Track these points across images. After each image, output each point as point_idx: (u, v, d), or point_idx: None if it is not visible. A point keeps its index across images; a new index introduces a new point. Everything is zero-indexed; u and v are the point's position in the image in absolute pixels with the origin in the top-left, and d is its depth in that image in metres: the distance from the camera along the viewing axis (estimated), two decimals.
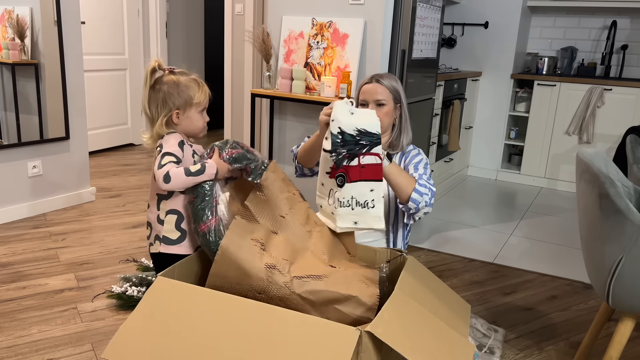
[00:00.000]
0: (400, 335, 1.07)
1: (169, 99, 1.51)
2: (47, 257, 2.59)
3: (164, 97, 1.51)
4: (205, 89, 1.57)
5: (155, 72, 1.53)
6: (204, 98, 1.56)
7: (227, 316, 1.11)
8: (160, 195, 1.53)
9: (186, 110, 1.53)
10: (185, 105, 1.53)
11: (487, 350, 1.94)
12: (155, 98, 1.52)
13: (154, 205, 1.55)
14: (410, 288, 1.27)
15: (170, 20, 5.13)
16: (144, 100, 1.53)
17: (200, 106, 1.56)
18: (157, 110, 1.52)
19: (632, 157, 2.02)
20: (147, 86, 1.52)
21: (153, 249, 1.56)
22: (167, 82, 1.52)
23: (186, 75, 1.56)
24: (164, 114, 1.52)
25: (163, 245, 1.53)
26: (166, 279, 1.22)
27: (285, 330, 1.06)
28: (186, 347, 1.07)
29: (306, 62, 2.95)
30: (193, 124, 1.56)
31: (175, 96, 1.51)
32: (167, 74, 1.54)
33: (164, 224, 1.53)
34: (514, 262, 2.85)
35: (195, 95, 1.53)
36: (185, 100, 1.52)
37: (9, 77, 2.95)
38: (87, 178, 3.43)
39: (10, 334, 1.94)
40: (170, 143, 1.49)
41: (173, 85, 1.52)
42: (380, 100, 1.78)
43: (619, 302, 1.53)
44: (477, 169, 4.68)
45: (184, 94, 1.52)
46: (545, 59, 4.39)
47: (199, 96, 1.54)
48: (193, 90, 1.54)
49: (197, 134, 1.60)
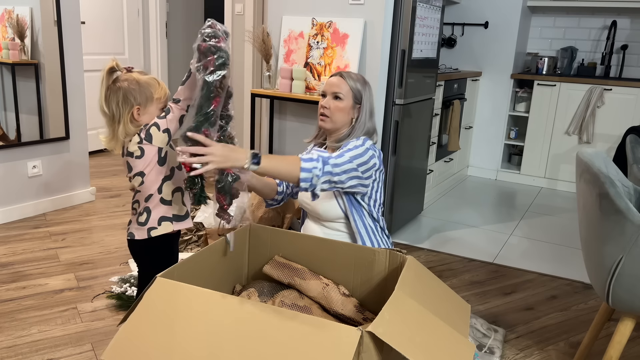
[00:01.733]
0: (401, 335, 1.07)
1: (129, 95, 1.56)
2: (47, 257, 2.59)
3: (124, 94, 1.56)
4: (163, 86, 1.63)
5: (113, 72, 1.57)
6: (163, 94, 1.61)
7: (227, 316, 1.11)
8: (165, 177, 1.61)
9: (147, 106, 1.58)
10: (147, 102, 1.58)
11: (487, 350, 1.94)
12: (115, 96, 1.56)
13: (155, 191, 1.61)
14: (411, 288, 1.27)
15: (170, 20, 5.13)
16: (101, 100, 1.57)
17: (161, 102, 1.61)
18: (118, 107, 1.56)
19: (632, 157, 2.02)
20: (104, 85, 1.57)
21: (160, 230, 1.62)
22: (127, 79, 1.57)
23: (144, 74, 1.62)
24: (127, 111, 1.56)
25: (175, 223, 1.64)
26: (165, 280, 1.22)
27: (286, 331, 1.06)
28: (186, 348, 1.07)
29: (306, 62, 2.95)
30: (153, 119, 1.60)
31: (137, 92, 1.56)
32: (125, 73, 1.59)
33: (172, 204, 1.63)
34: (514, 262, 2.85)
35: (155, 91, 1.59)
36: (147, 97, 1.58)
37: (9, 77, 2.95)
38: (87, 178, 3.43)
39: (10, 334, 1.94)
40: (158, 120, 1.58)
41: (133, 82, 1.57)
42: (338, 93, 1.79)
43: (619, 302, 1.53)
44: (477, 169, 4.68)
45: (145, 90, 1.58)
46: (545, 59, 4.39)
47: (159, 92, 1.60)
48: (153, 87, 1.59)
49: None
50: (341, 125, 1.81)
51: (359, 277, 1.57)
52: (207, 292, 1.18)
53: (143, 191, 1.62)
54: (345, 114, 1.80)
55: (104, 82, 1.57)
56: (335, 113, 1.79)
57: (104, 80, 1.56)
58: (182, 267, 1.36)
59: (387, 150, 2.96)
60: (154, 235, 1.63)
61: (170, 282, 1.21)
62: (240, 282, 1.68)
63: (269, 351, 1.03)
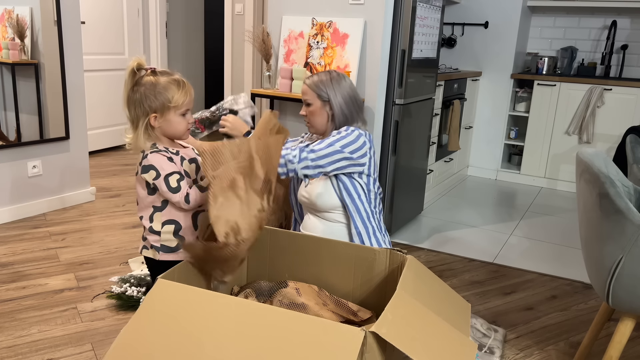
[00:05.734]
0: (404, 335, 1.07)
1: (145, 102, 1.44)
2: (47, 257, 2.59)
3: (140, 100, 1.44)
4: (187, 90, 1.48)
5: (135, 73, 1.46)
6: (183, 99, 1.47)
7: (229, 318, 1.11)
8: (154, 208, 1.51)
9: (164, 113, 1.45)
10: (163, 109, 1.45)
11: (487, 350, 1.94)
12: (133, 100, 1.45)
13: (147, 216, 1.53)
14: (412, 288, 1.27)
15: (170, 20, 5.13)
16: (124, 102, 1.47)
17: (180, 108, 1.48)
18: (136, 112, 1.46)
19: (632, 157, 2.02)
20: (126, 86, 1.46)
21: (149, 254, 1.55)
22: (145, 84, 1.45)
23: (167, 75, 1.48)
24: (142, 119, 1.45)
25: (162, 253, 1.52)
26: (167, 282, 1.22)
27: (290, 332, 1.06)
28: (188, 350, 1.07)
29: (306, 62, 2.95)
30: (172, 127, 1.48)
31: (152, 99, 1.44)
32: (147, 75, 1.46)
33: (161, 234, 1.52)
34: (514, 262, 2.85)
35: (173, 97, 1.45)
36: (162, 103, 1.44)
37: (9, 77, 2.95)
38: (87, 178, 3.43)
39: (10, 334, 1.94)
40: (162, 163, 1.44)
41: (150, 87, 1.44)
42: (306, 100, 1.93)
43: (619, 302, 1.53)
44: (477, 169, 4.68)
45: (161, 97, 1.44)
46: (545, 58, 4.39)
47: (178, 98, 1.46)
48: (172, 91, 1.45)
49: (179, 137, 1.53)
50: (324, 126, 1.94)
51: (359, 277, 1.57)
52: (208, 294, 1.18)
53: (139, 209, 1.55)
54: (320, 116, 1.92)
55: (127, 83, 1.45)
56: (312, 118, 1.94)
57: (127, 81, 1.45)
58: (182, 268, 1.36)
59: (387, 150, 2.96)
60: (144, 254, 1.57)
61: (171, 284, 1.21)
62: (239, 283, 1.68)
63: (272, 352, 1.03)
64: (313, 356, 1.01)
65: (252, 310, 1.12)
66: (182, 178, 1.46)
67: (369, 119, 2.88)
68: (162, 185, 1.43)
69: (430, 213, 3.58)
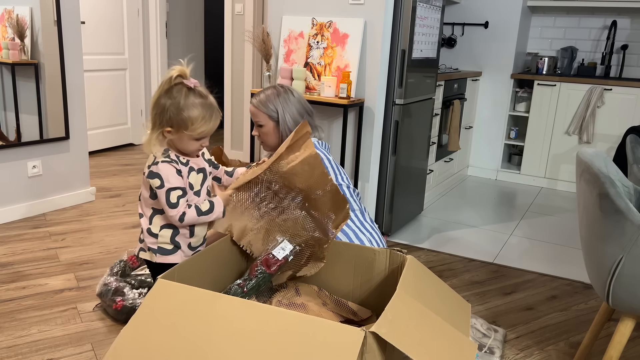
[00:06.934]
0: (404, 335, 1.07)
1: (165, 114, 1.40)
2: (47, 257, 2.59)
3: (163, 109, 1.41)
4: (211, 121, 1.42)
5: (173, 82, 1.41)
6: (202, 130, 1.42)
7: (229, 317, 1.11)
8: (155, 210, 1.51)
9: (179, 132, 1.42)
10: (180, 128, 1.41)
11: (487, 350, 1.94)
12: (159, 104, 1.42)
13: (147, 216, 1.53)
14: (413, 288, 1.27)
15: (170, 20, 5.13)
16: (151, 101, 1.44)
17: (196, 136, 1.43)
18: (155, 117, 1.43)
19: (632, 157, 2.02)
20: (159, 90, 1.42)
21: (146, 256, 1.55)
22: (175, 97, 1.40)
23: (200, 98, 1.42)
24: (158, 127, 1.42)
25: (159, 256, 1.53)
26: (167, 282, 1.22)
27: (289, 331, 1.06)
28: (188, 350, 1.07)
29: (306, 62, 2.95)
30: (182, 145, 1.45)
31: (173, 115, 1.40)
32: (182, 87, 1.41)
33: (158, 237, 1.52)
34: (514, 262, 2.85)
35: (193, 124, 1.40)
36: (180, 124, 1.40)
37: (9, 77, 2.95)
38: (87, 178, 3.43)
39: (10, 334, 1.94)
40: (170, 176, 1.43)
41: (177, 104, 1.40)
42: (257, 122, 1.90)
43: (619, 302, 1.53)
44: (477, 169, 4.68)
45: (182, 118, 1.40)
46: (545, 58, 4.39)
47: (197, 127, 1.41)
48: (194, 117, 1.40)
49: (187, 156, 1.50)
50: (277, 142, 1.92)
51: (359, 277, 1.57)
52: (208, 294, 1.18)
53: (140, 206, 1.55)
54: (272, 135, 1.91)
55: (162, 86, 1.41)
56: (264, 138, 1.92)
57: (162, 84, 1.41)
58: (182, 268, 1.36)
59: (387, 150, 2.96)
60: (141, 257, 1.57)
61: (171, 284, 1.21)
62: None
63: (272, 352, 1.03)
64: (313, 356, 1.01)
65: (252, 310, 1.12)
66: (184, 195, 1.45)
67: (369, 118, 2.89)
68: (162, 196, 1.43)
69: (430, 213, 3.58)
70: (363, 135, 2.92)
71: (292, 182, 1.53)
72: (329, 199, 1.51)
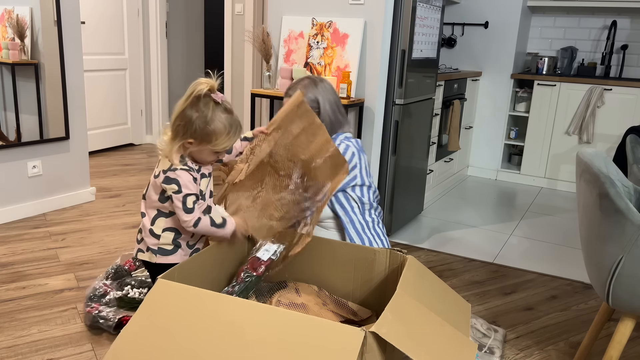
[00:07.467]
0: (404, 335, 1.07)
1: (190, 127, 1.41)
2: (47, 257, 2.59)
3: (188, 122, 1.42)
4: (234, 137, 1.46)
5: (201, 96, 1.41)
6: (224, 145, 1.45)
7: (229, 318, 1.11)
8: (160, 212, 1.52)
9: (200, 146, 1.45)
10: (202, 142, 1.44)
11: (487, 350, 1.94)
12: (184, 115, 1.42)
13: (150, 216, 1.53)
14: (413, 288, 1.27)
15: (170, 20, 5.13)
16: (175, 110, 1.44)
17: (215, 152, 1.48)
18: (179, 127, 1.43)
19: (632, 157, 2.02)
20: (185, 101, 1.42)
21: (145, 257, 1.56)
22: (202, 111, 1.41)
23: (227, 113, 1.44)
24: (180, 137, 1.43)
25: (159, 256, 1.54)
26: (167, 282, 1.22)
27: (290, 332, 1.06)
28: (189, 350, 1.07)
29: (306, 62, 2.95)
30: (201, 156, 1.49)
31: (198, 129, 1.41)
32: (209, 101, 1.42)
33: (160, 239, 1.53)
34: (514, 262, 2.85)
35: (217, 140, 1.43)
36: (203, 139, 1.43)
37: (9, 77, 2.95)
38: (87, 178, 3.43)
39: (10, 334, 1.94)
40: (188, 182, 1.45)
41: (203, 118, 1.41)
42: None
43: (619, 302, 1.53)
44: (477, 169, 4.68)
45: (207, 133, 1.42)
46: (545, 59, 4.39)
47: (221, 142, 1.44)
48: (219, 133, 1.43)
49: (202, 164, 1.53)
50: None
51: (359, 277, 1.57)
52: (209, 294, 1.18)
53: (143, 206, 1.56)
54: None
55: (188, 97, 1.41)
56: None
57: (189, 96, 1.41)
58: (182, 268, 1.36)
59: (387, 150, 2.96)
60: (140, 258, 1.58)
61: (171, 284, 1.21)
62: None
63: (272, 352, 1.03)
64: (313, 356, 1.01)
65: (252, 310, 1.12)
66: (198, 200, 1.48)
67: (369, 118, 2.89)
68: (178, 201, 1.45)
69: (430, 213, 3.58)
70: (363, 135, 2.92)
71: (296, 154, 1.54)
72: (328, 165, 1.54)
